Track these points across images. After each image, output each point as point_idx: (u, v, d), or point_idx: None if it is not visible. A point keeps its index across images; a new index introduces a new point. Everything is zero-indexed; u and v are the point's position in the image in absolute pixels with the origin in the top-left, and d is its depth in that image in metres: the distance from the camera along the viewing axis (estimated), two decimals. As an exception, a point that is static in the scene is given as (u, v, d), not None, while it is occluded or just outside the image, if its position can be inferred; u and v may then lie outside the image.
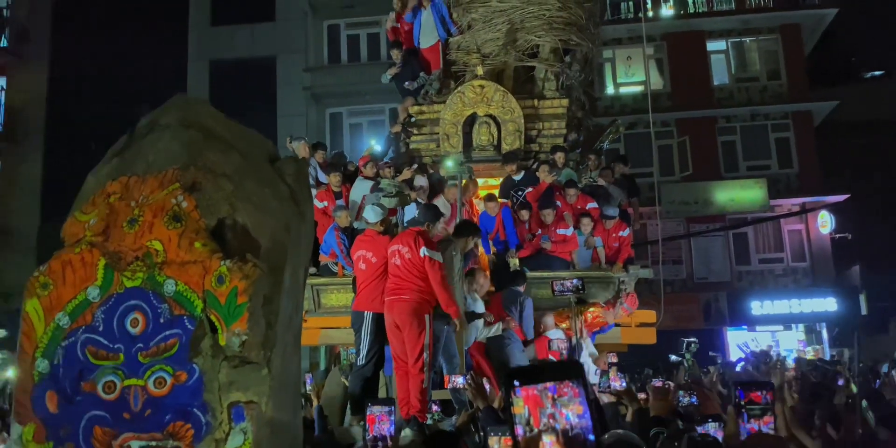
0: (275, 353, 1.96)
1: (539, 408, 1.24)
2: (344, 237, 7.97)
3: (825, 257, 20.52)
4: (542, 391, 1.24)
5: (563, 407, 1.23)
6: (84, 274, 1.97)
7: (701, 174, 20.48)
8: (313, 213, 2.35)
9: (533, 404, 1.24)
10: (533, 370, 1.31)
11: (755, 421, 1.90)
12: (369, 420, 2.23)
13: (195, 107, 2.29)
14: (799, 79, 21.17)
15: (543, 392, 1.24)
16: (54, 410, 1.89)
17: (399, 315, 5.90)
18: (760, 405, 1.91)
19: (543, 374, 1.27)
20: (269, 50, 20.96)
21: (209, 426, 1.83)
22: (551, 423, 1.22)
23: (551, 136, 9.56)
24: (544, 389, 1.24)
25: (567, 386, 1.24)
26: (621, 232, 8.82)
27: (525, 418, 1.24)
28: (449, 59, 10.05)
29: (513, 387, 1.25)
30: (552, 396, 1.24)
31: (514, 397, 1.24)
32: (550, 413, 1.23)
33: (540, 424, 1.24)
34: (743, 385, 2.01)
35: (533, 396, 1.24)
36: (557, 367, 1.29)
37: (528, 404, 1.24)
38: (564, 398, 1.24)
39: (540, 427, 1.24)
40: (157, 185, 2.05)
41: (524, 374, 1.28)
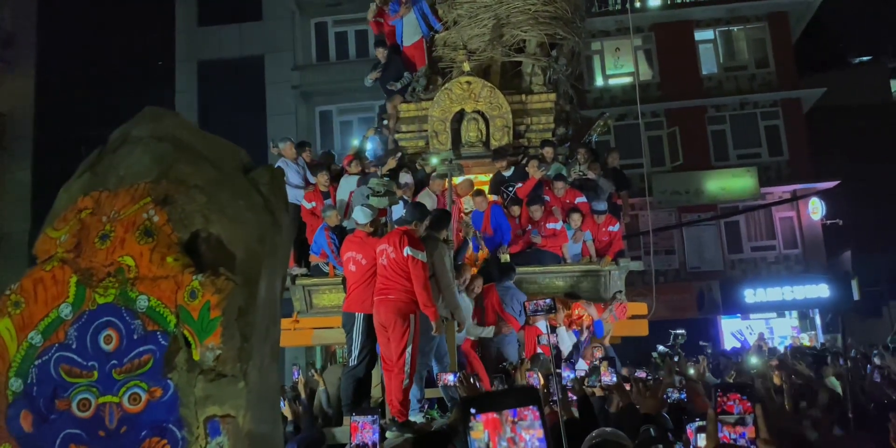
0: (251, 365, 1.95)
1: (497, 433, 1.24)
2: (334, 237, 7.96)
3: (817, 244, 20.60)
4: (502, 416, 1.25)
5: (522, 431, 1.24)
6: (56, 291, 1.96)
7: (691, 164, 20.53)
8: (289, 222, 2.34)
9: (492, 429, 1.25)
10: (489, 397, 1.33)
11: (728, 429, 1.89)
12: (353, 428, 2.23)
13: (167, 119, 2.27)
14: (787, 66, 21.19)
15: (504, 417, 1.25)
16: (29, 429, 1.88)
17: (385, 314, 5.91)
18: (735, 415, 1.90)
19: (501, 400, 1.28)
20: (256, 49, 20.88)
21: (185, 441, 1.83)
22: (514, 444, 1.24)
23: (540, 130, 9.56)
24: (505, 414, 1.25)
25: (527, 410, 1.25)
26: (611, 227, 8.85)
27: (485, 443, 1.24)
28: (435, 55, 10.04)
29: (470, 414, 1.26)
30: (512, 420, 1.25)
31: (474, 422, 1.25)
32: (510, 437, 1.24)
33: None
34: (721, 387, 2.00)
35: (493, 420, 1.25)
36: (514, 394, 1.30)
37: (488, 429, 1.25)
38: (525, 422, 1.24)
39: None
40: (129, 200, 2.04)
41: (481, 401, 1.29)
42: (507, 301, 7.49)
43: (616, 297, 8.30)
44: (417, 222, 6.25)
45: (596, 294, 8.71)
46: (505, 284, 7.63)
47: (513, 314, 7.45)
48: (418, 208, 6.61)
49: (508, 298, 7.51)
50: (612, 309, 8.14)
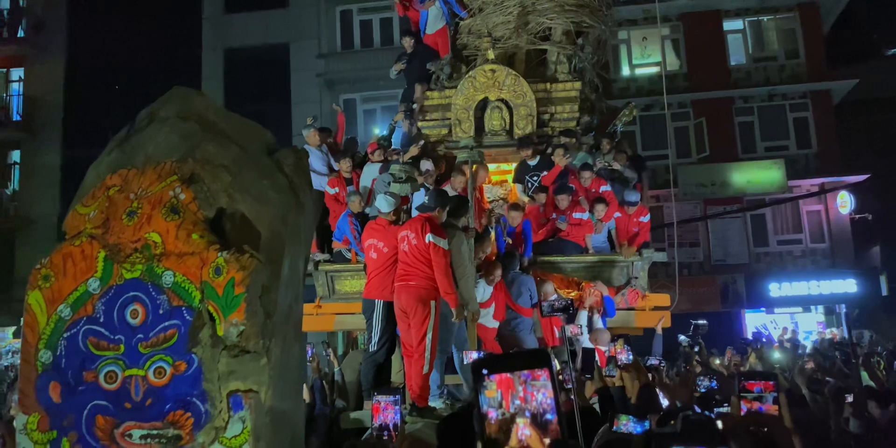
0: (274, 342, 1.98)
1: (511, 392, 1.28)
2: (357, 223, 7.99)
3: (845, 238, 20.28)
4: (515, 376, 1.28)
5: (534, 391, 1.26)
6: (84, 266, 2.00)
7: (718, 156, 20.27)
8: (312, 202, 2.36)
9: (505, 388, 1.28)
10: (501, 359, 1.37)
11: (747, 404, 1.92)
12: (374, 409, 2.25)
13: (193, 99, 2.30)
14: (818, 57, 20.81)
15: (517, 377, 1.28)
16: (58, 400, 1.93)
17: (406, 300, 5.93)
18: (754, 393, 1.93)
19: (513, 362, 1.31)
20: (282, 37, 20.96)
21: (208, 415, 1.86)
22: (524, 406, 1.27)
23: (564, 119, 9.47)
24: (518, 375, 1.28)
25: (539, 371, 1.28)
26: (642, 217, 8.79)
27: (498, 401, 1.27)
28: (459, 43, 9.98)
29: (482, 375, 1.30)
30: (525, 381, 1.28)
31: (487, 381, 1.28)
32: (522, 397, 1.26)
33: (511, 407, 1.28)
34: (745, 375, 2.02)
35: (506, 380, 1.28)
36: (526, 355, 1.34)
37: (501, 388, 1.28)
38: (538, 382, 1.27)
39: (511, 410, 1.28)
40: (156, 178, 2.07)
41: (493, 362, 1.32)
42: (515, 292, 7.46)
43: (631, 282, 8.23)
44: (440, 209, 6.25)
45: (620, 284, 8.68)
46: (510, 275, 7.58)
47: (521, 303, 7.43)
48: (440, 195, 6.60)
49: (515, 289, 7.48)
50: (624, 293, 8.06)
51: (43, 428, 1.92)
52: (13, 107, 22.82)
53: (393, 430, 2.23)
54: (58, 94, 22.00)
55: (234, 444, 1.86)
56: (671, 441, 1.42)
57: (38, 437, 1.93)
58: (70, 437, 1.90)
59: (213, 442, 1.87)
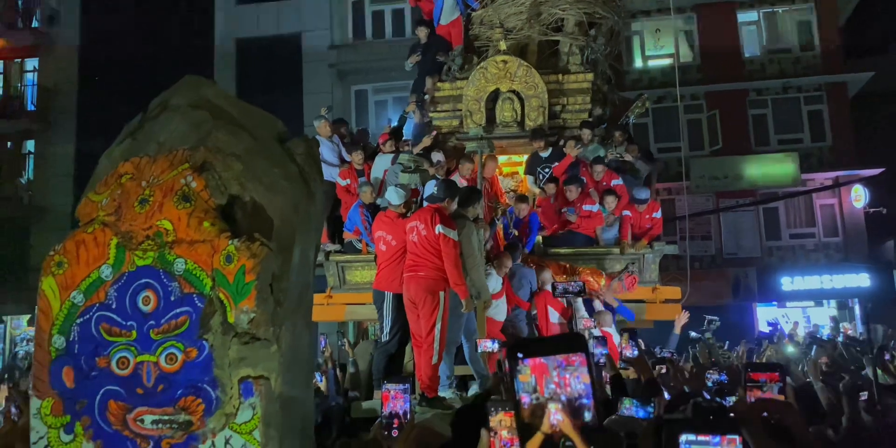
0: (284, 329, 1.99)
1: (545, 376, 1.26)
2: (368, 214, 8.01)
3: (859, 232, 20.12)
4: (550, 361, 1.26)
5: (569, 376, 1.25)
6: (97, 253, 2.02)
7: (731, 148, 20.13)
8: (323, 191, 2.37)
9: (539, 373, 1.26)
10: (536, 343, 1.34)
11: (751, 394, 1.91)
12: (384, 397, 2.25)
13: (205, 87, 2.31)
14: (833, 50, 20.59)
15: (551, 362, 1.26)
16: (71, 385, 1.95)
17: (415, 291, 5.95)
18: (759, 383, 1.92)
19: (548, 346, 1.28)
20: (294, 27, 20.94)
21: (219, 401, 1.88)
22: (558, 391, 1.25)
23: (576, 111, 9.44)
24: (553, 360, 1.26)
25: (575, 356, 1.26)
26: (655, 213, 8.76)
27: (532, 386, 1.25)
28: (471, 33, 9.96)
29: (517, 358, 1.26)
30: (559, 366, 1.26)
31: (521, 366, 1.26)
32: (556, 382, 1.24)
33: (545, 392, 1.25)
34: (751, 366, 2.02)
35: (540, 365, 1.26)
36: (562, 340, 1.31)
37: (535, 373, 1.26)
38: (572, 367, 1.25)
39: (545, 395, 1.25)
40: (167, 166, 2.08)
41: (528, 346, 1.29)
42: (516, 283, 7.46)
43: (628, 268, 8.19)
44: (449, 200, 6.25)
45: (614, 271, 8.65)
46: (512, 267, 7.56)
47: (521, 295, 7.43)
48: (449, 186, 6.59)
49: (517, 281, 7.48)
50: (621, 278, 8.02)
51: (56, 412, 1.95)
52: (28, 97, 22.96)
53: (403, 418, 2.24)
54: (72, 84, 22.11)
55: (244, 430, 1.87)
56: (682, 427, 1.39)
57: (52, 420, 1.95)
58: (83, 422, 1.92)
59: (224, 428, 1.88)
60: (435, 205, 6.16)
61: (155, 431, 1.88)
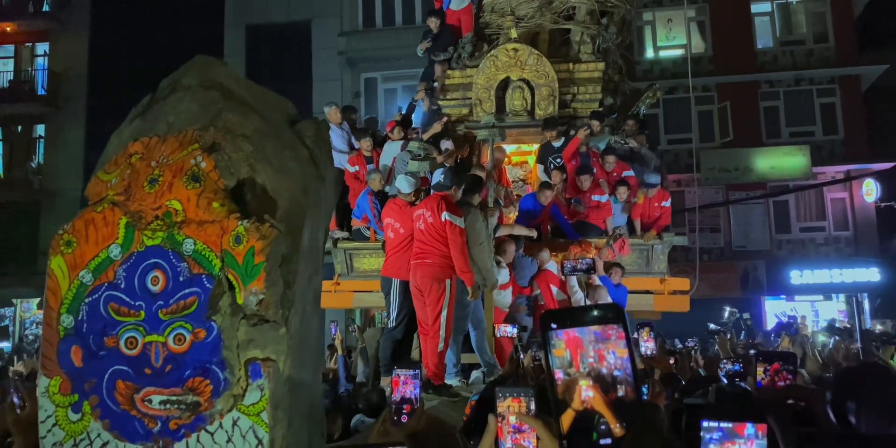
0: (293, 312, 1.98)
1: (580, 351, 1.17)
2: (377, 201, 8.01)
3: (869, 226, 20.01)
4: (584, 334, 1.17)
5: (606, 350, 1.16)
6: (106, 232, 2.00)
7: (742, 140, 20.01)
8: (333, 175, 2.35)
9: (574, 348, 1.17)
10: (571, 312, 1.23)
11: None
12: (394, 382, 2.23)
13: (216, 68, 2.28)
14: (847, 42, 20.40)
15: (586, 335, 1.17)
16: (79, 364, 1.94)
17: (421, 279, 5.95)
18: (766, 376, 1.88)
19: (583, 316, 1.19)
20: (304, 14, 20.89)
21: (227, 382, 1.87)
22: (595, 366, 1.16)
23: (587, 100, 9.38)
24: (588, 332, 1.17)
25: (611, 329, 1.17)
26: (663, 202, 8.72)
27: (567, 361, 1.17)
28: (482, 21, 9.89)
29: (551, 329, 1.18)
30: (594, 339, 1.17)
31: (556, 340, 1.17)
32: (592, 356, 1.16)
33: (580, 368, 1.17)
34: (762, 355, 1.98)
35: (574, 339, 1.17)
36: (597, 310, 1.19)
37: (570, 348, 1.17)
38: (609, 341, 1.17)
39: (581, 370, 1.17)
40: (177, 146, 2.06)
41: (562, 316, 1.20)
42: (518, 272, 7.45)
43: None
44: (455, 187, 6.24)
45: (639, 268, 8.63)
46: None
47: (521, 283, 7.42)
48: (456, 173, 6.57)
49: (518, 269, 7.47)
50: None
51: (65, 391, 1.94)
52: (38, 81, 23.01)
53: (413, 404, 2.21)
54: (82, 69, 22.14)
55: (251, 412, 1.86)
56: (704, 413, 1.34)
57: (60, 399, 1.95)
58: (91, 401, 1.91)
59: (232, 409, 1.87)
60: (441, 192, 6.15)
61: (163, 412, 1.87)
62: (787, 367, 1.90)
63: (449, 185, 6.19)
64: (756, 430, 1.30)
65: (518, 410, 1.51)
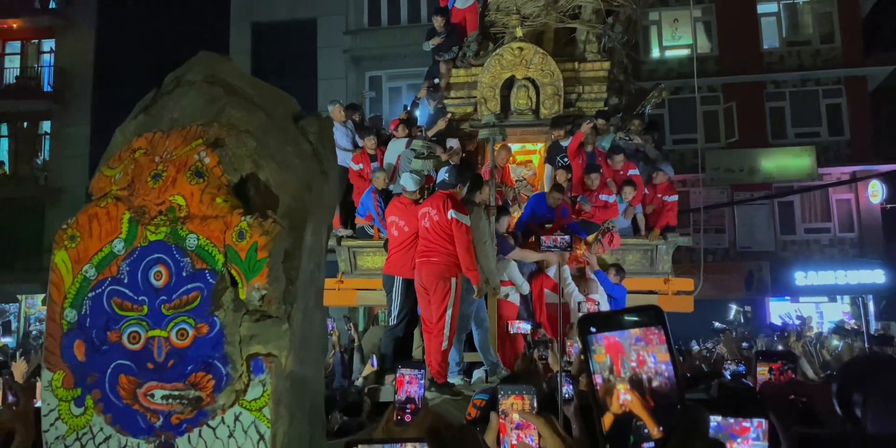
0: (295, 308, 1.98)
1: (621, 356, 1.15)
2: (381, 200, 8.00)
3: (875, 228, 19.94)
4: (624, 338, 1.15)
5: (647, 354, 1.14)
6: (109, 227, 2.01)
7: (747, 141, 19.97)
8: (337, 171, 2.35)
9: (615, 352, 1.15)
10: (611, 316, 1.20)
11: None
12: (398, 382, 2.21)
13: (220, 64, 2.29)
14: (854, 43, 20.33)
15: (627, 339, 1.15)
16: (82, 359, 1.95)
17: (427, 277, 5.95)
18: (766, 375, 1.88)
19: (623, 320, 1.16)
20: (309, 12, 20.91)
21: (229, 377, 1.87)
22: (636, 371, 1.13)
23: (592, 99, 9.36)
24: (628, 336, 1.15)
25: (652, 333, 1.15)
26: (667, 196, 8.69)
27: (608, 367, 1.15)
28: (487, 19, 9.89)
29: (590, 333, 1.16)
30: (635, 344, 1.15)
31: (596, 345, 1.16)
32: (633, 361, 1.14)
33: (622, 373, 1.15)
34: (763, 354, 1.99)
35: (615, 343, 1.15)
36: (637, 313, 1.17)
37: (610, 353, 1.15)
38: (651, 346, 1.14)
39: (622, 375, 1.15)
40: (181, 141, 2.07)
41: (601, 320, 1.18)
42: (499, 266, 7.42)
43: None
44: (460, 185, 6.24)
45: (643, 268, 8.61)
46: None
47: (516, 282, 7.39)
48: (460, 172, 6.58)
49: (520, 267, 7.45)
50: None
51: (68, 385, 1.95)
52: (44, 78, 23.08)
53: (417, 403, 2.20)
54: (88, 66, 22.20)
55: (253, 407, 1.87)
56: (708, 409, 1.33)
57: (63, 393, 1.96)
58: (94, 395, 1.92)
59: (234, 404, 1.88)
60: (446, 191, 6.15)
61: (165, 406, 1.88)
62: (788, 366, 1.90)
63: (454, 183, 6.19)
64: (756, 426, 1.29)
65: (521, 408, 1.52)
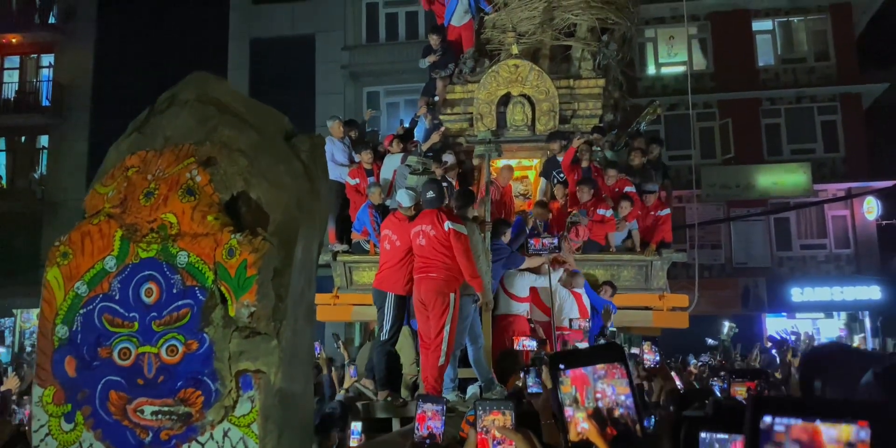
0: (285, 325, 2.01)
1: (585, 387, 1.28)
2: (377, 215, 8.03)
3: (870, 244, 20.00)
4: (590, 372, 1.28)
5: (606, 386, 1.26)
6: (101, 244, 2.04)
7: (743, 157, 20.08)
8: (328, 189, 2.39)
9: (580, 384, 1.28)
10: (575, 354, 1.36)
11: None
12: (419, 418, 2.15)
13: (213, 83, 2.33)
14: (849, 60, 20.51)
15: (592, 373, 1.28)
16: (73, 375, 1.97)
17: (426, 292, 5.95)
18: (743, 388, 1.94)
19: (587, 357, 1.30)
20: (308, 28, 21.06)
21: (218, 393, 1.89)
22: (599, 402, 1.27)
23: (587, 116, 9.44)
24: (593, 371, 1.28)
25: (614, 367, 1.28)
26: (660, 211, 8.69)
27: (573, 397, 1.27)
28: (483, 37, 9.98)
29: (559, 370, 1.28)
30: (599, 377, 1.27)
31: (563, 377, 1.28)
32: (596, 391, 1.26)
33: (585, 403, 1.27)
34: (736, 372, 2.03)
35: (580, 376, 1.28)
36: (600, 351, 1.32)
37: (576, 384, 1.28)
38: (613, 379, 1.27)
39: (586, 405, 1.27)
40: (174, 160, 2.10)
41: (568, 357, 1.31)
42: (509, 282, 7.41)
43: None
44: (463, 208, 6.28)
45: (638, 284, 8.61)
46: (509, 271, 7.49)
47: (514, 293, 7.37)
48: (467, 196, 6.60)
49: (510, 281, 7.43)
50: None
51: (58, 401, 1.96)
52: (42, 92, 23.17)
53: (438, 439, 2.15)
54: (86, 81, 22.30)
55: (242, 423, 1.88)
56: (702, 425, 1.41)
57: (53, 409, 1.97)
58: (84, 411, 1.94)
59: (223, 420, 1.90)
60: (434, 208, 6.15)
61: (155, 422, 1.90)
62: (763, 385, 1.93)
63: (440, 201, 6.21)
64: None
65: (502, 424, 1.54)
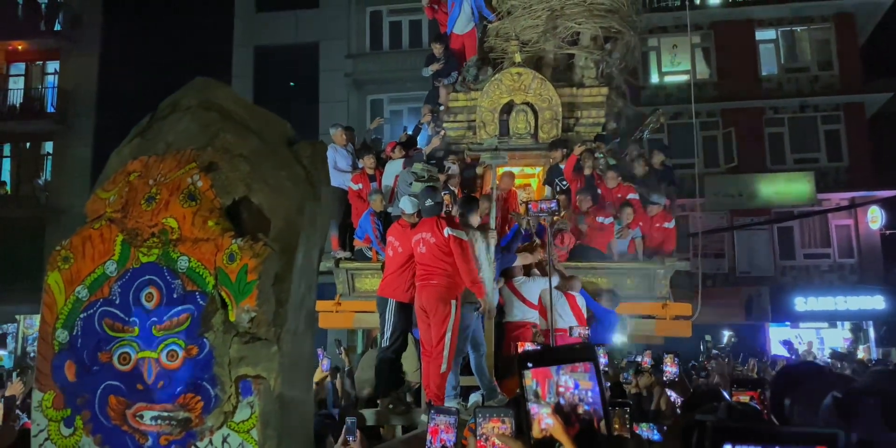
0: (285, 330, 2.00)
1: (547, 380, 1.26)
2: (379, 222, 8.03)
3: (874, 254, 19.92)
4: (554, 369, 1.27)
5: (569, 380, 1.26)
6: (103, 249, 2.04)
7: (746, 166, 20.05)
8: (329, 195, 2.39)
9: (542, 378, 1.26)
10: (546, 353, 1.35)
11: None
12: (432, 431, 2.13)
13: (215, 89, 2.34)
14: (852, 69, 20.50)
15: (556, 370, 1.27)
16: (72, 379, 1.97)
17: (427, 300, 5.95)
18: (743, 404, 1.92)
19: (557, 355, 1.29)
20: (312, 36, 21.15)
21: (218, 399, 1.89)
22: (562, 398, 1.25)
23: (590, 124, 9.45)
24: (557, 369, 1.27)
25: (581, 364, 1.27)
26: (666, 223, 8.67)
27: (533, 390, 1.26)
28: (487, 45, 10.01)
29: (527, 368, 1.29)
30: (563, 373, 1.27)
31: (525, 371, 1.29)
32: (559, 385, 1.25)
33: (547, 398, 1.25)
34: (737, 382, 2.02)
35: (542, 371, 1.27)
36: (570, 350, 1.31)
37: (537, 378, 1.27)
38: (575, 374, 1.26)
39: (548, 400, 1.26)
40: (175, 165, 2.11)
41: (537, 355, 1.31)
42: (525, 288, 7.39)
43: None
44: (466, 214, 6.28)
45: (641, 293, 8.58)
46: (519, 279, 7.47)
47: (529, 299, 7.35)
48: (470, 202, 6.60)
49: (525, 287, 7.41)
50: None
51: (58, 405, 1.96)
52: (47, 99, 23.27)
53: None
54: (91, 88, 22.40)
55: (242, 429, 1.88)
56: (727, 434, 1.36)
57: (53, 414, 1.97)
58: (83, 416, 1.93)
59: (222, 426, 1.89)
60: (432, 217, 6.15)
61: (154, 427, 1.89)
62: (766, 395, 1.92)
63: (438, 210, 6.21)
64: None
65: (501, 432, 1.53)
